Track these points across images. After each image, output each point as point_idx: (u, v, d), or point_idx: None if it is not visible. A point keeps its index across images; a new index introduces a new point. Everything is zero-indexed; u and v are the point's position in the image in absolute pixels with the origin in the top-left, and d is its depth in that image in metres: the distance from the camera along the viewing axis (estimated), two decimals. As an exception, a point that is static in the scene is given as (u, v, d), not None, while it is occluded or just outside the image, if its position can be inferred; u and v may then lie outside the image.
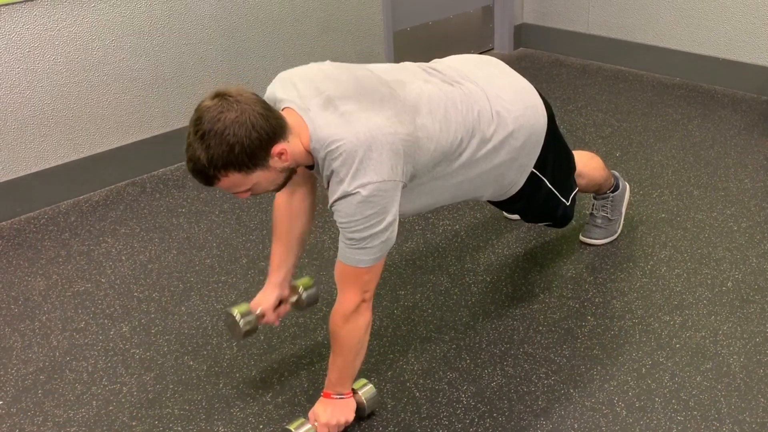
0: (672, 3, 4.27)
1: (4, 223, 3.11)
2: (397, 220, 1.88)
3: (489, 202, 2.40)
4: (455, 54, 2.34)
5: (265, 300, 2.16)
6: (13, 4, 2.96)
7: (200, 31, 3.51)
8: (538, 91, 2.25)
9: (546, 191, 2.32)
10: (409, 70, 2.07)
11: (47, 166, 3.21)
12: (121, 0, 3.23)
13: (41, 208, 3.21)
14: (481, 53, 4.89)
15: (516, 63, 4.73)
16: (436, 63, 2.19)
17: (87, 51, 3.20)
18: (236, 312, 2.12)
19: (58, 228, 3.06)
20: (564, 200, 2.40)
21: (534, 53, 4.90)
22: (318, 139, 1.81)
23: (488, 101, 2.07)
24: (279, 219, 2.16)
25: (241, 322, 2.11)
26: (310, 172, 2.01)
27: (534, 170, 2.24)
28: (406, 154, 1.85)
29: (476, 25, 4.87)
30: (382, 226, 1.83)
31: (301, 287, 2.24)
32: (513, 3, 4.83)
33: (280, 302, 2.20)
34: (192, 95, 3.54)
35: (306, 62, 1.90)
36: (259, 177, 1.78)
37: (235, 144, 1.69)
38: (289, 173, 1.87)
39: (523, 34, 4.96)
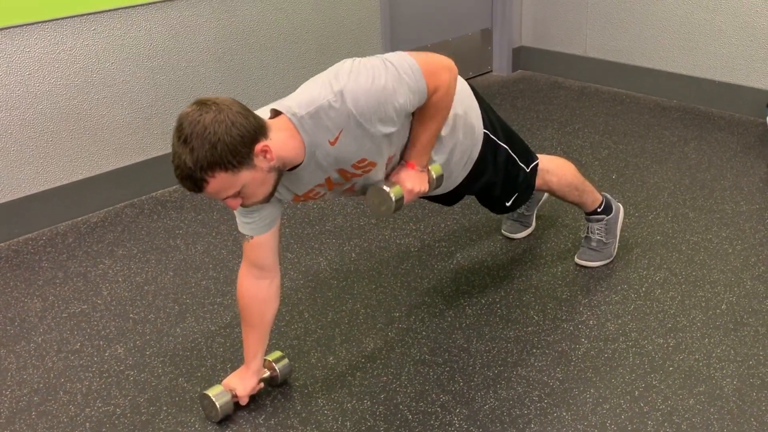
0: (669, 26, 4.30)
1: (2, 244, 3.13)
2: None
3: (462, 191, 2.45)
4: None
5: (243, 387, 2.16)
6: (14, 27, 3.00)
7: (199, 53, 3.54)
8: (498, 99, 2.40)
9: (504, 154, 2.40)
10: None
11: (46, 188, 3.23)
12: (121, 23, 3.27)
13: (40, 229, 3.23)
14: (479, 76, 4.93)
15: (514, 85, 4.76)
16: None
17: (87, 73, 3.23)
18: (212, 395, 2.12)
19: (56, 249, 3.08)
20: (523, 166, 2.47)
21: (532, 76, 4.93)
22: (292, 107, 1.86)
23: None
24: (249, 306, 2.16)
25: (219, 407, 2.12)
26: (277, 223, 2.08)
27: (486, 131, 2.33)
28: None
29: (475, 47, 4.91)
30: (383, 68, 1.90)
31: (274, 363, 2.25)
32: (511, 26, 4.87)
33: None
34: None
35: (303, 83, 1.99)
36: (246, 177, 1.79)
37: (216, 142, 1.72)
38: (277, 176, 1.88)
39: (521, 56, 4.99)
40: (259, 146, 1.78)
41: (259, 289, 2.13)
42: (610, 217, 2.78)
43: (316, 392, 2.23)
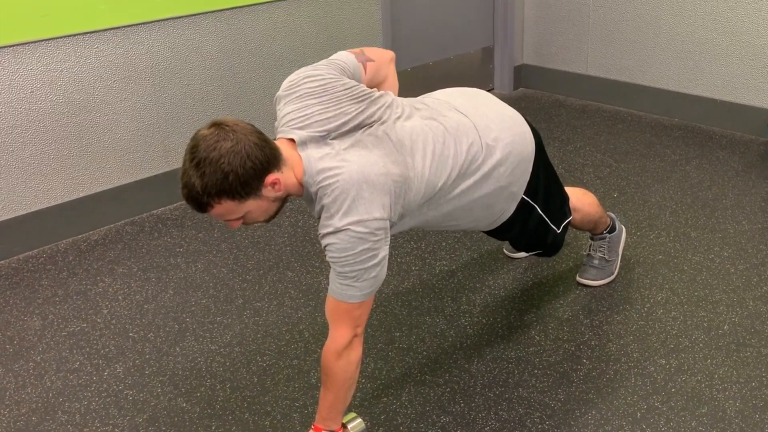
0: (670, 45, 4.31)
1: (2, 262, 3.12)
2: (386, 259, 1.89)
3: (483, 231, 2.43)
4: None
5: None
6: (16, 45, 3.00)
7: (201, 72, 3.55)
8: (526, 119, 2.29)
9: (537, 218, 2.35)
10: (398, 106, 2.08)
11: (47, 205, 3.23)
12: (123, 41, 3.28)
13: (40, 246, 3.22)
14: (481, 93, 4.93)
15: (516, 103, 4.76)
16: (425, 97, 2.23)
17: (88, 91, 3.24)
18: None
19: (56, 267, 3.07)
20: (554, 228, 2.42)
21: (534, 94, 4.94)
22: (311, 174, 1.84)
23: (477, 132, 2.10)
24: None
25: None
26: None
27: (525, 197, 2.27)
28: (396, 194, 1.88)
29: (476, 65, 4.92)
30: (372, 263, 1.84)
31: None
32: (513, 44, 4.89)
33: None
34: (192, 135, 3.56)
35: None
36: (251, 206, 1.80)
37: (229, 172, 1.72)
38: (281, 203, 1.89)
39: (522, 74, 5.00)
40: (270, 178, 1.79)
41: None
42: (613, 235, 2.77)
43: (315, 413, 2.21)
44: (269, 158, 1.78)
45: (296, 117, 1.93)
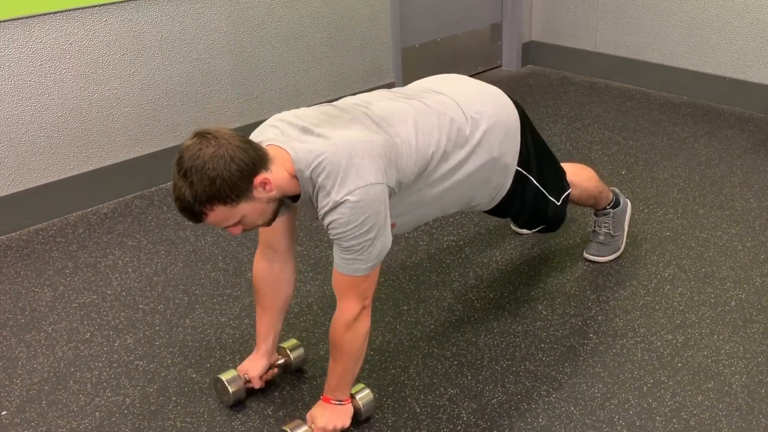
0: (679, 22, 4.29)
1: (13, 234, 3.15)
2: (389, 226, 1.91)
3: (487, 212, 2.44)
4: (463, 72, 2.40)
5: (253, 368, 2.20)
6: (26, 17, 3.00)
7: (210, 46, 3.55)
8: (507, 94, 2.32)
9: (533, 190, 2.37)
10: (372, 95, 2.14)
11: (57, 178, 3.25)
12: (133, 14, 3.27)
13: (50, 219, 3.24)
14: (489, 70, 4.93)
15: (524, 80, 4.75)
16: (402, 88, 2.29)
17: (98, 65, 3.24)
18: (225, 379, 2.16)
19: (66, 239, 3.09)
20: (553, 200, 2.44)
21: (542, 71, 4.92)
22: (300, 160, 1.85)
23: (459, 107, 2.13)
24: (262, 288, 2.18)
25: (231, 389, 2.15)
26: (293, 207, 2.06)
27: (518, 168, 2.29)
28: (387, 157, 1.89)
29: (485, 42, 4.90)
30: (375, 232, 1.86)
31: (289, 351, 2.27)
32: (521, 21, 4.87)
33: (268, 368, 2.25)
34: (201, 109, 3.58)
35: (313, 78, 1.97)
36: (245, 209, 1.80)
37: (215, 177, 1.73)
38: (277, 205, 1.89)
39: (531, 51, 4.99)
40: (258, 179, 1.79)
41: (271, 272, 2.15)
42: (617, 210, 2.78)
43: (324, 384, 2.24)
44: (254, 159, 1.78)
45: (273, 130, 1.95)
